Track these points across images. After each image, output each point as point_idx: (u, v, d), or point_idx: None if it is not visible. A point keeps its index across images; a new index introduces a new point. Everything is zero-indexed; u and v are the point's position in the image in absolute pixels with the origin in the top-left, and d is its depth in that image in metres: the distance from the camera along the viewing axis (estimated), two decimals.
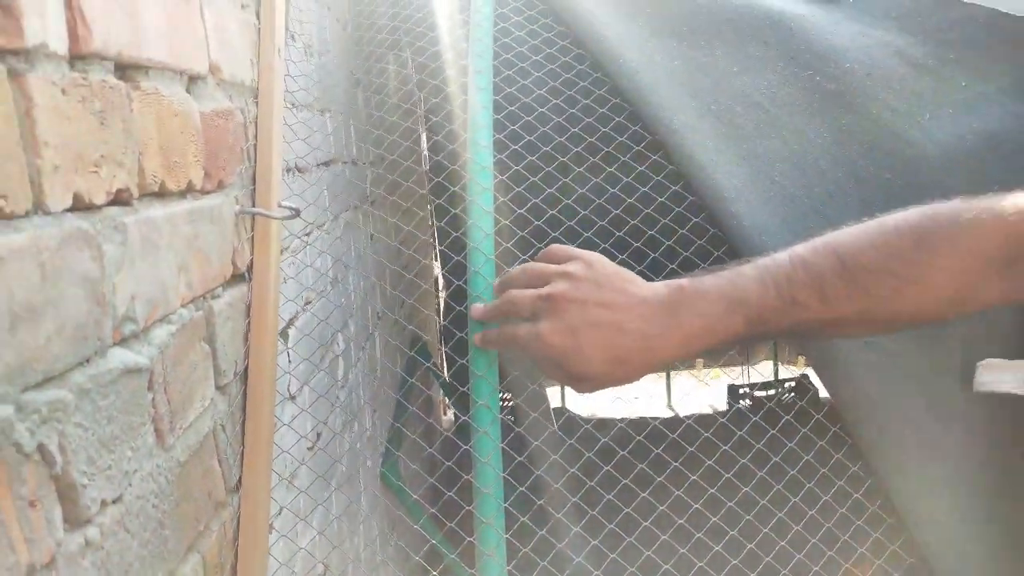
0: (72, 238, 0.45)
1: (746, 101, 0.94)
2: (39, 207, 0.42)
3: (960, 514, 0.83)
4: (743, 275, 0.66)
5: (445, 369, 2.85)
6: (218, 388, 0.68)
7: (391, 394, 1.78)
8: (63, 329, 0.44)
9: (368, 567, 1.35)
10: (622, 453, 1.18)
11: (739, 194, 0.89)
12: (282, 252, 0.88)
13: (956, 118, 0.93)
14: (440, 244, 2.84)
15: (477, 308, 0.77)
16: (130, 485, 0.50)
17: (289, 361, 0.90)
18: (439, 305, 3.14)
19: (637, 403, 3.77)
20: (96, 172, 0.48)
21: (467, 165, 0.92)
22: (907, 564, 0.89)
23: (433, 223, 2.83)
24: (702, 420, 2.95)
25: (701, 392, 3.96)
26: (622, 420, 3.35)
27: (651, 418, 3.29)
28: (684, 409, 3.75)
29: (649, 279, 0.70)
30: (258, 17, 0.89)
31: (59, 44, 0.45)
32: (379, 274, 1.77)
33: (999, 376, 0.83)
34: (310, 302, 1.05)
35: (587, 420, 3.42)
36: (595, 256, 0.70)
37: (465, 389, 0.82)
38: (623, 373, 0.66)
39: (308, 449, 0.98)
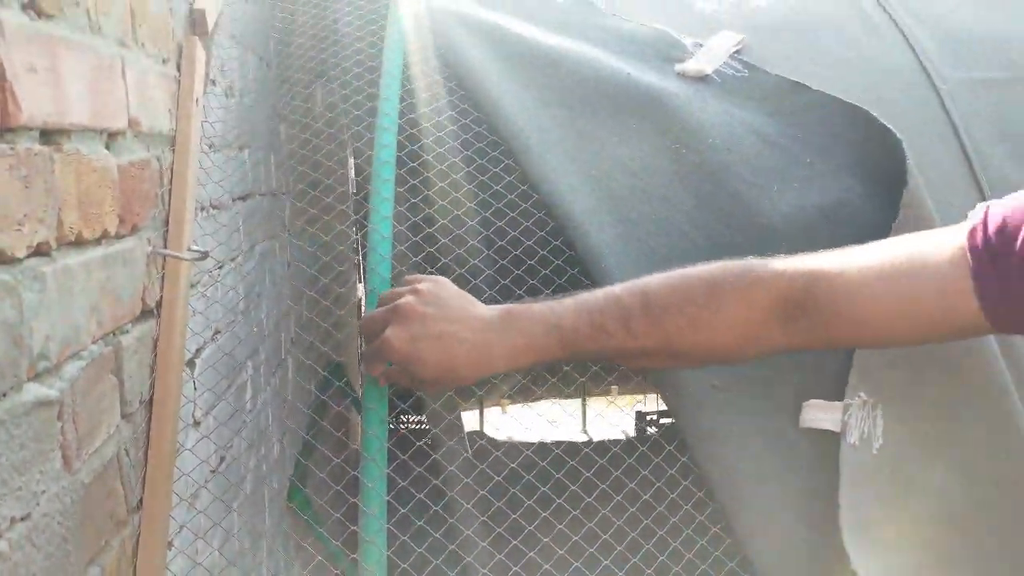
0: None
1: (623, 169, 1.07)
2: None
3: (791, 539, 0.96)
4: (563, 304, 0.79)
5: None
6: (124, 416, 0.75)
7: (303, 416, 1.84)
8: None
9: None
10: (528, 477, 1.27)
11: (611, 250, 1.01)
12: (192, 287, 0.95)
13: (800, 191, 1.07)
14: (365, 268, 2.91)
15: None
16: (38, 504, 0.57)
17: (195, 389, 0.97)
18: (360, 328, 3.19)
19: (554, 428, 3.89)
20: (19, 230, 0.56)
21: (369, 195, 1.02)
22: None
23: (359, 248, 2.90)
24: (608, 445, 3.08)
25: (615, 417, 4.11)
26: (531, 445, 3.47)
27: (562, 442, 3.42)
28: (598, 434, 3.89)
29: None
30: (179, 69, 0.97)
31: None
32: (295, 300, 1.83)
33: (818, 415, 0.97)
34: (218, 332, 1.12)
35: (501, 444, 3.52)
36: (443, 279, 0.84)
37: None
38: (455, 378, 0.80)
39: (211, 472, 1.04)
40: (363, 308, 3.20)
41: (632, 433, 3.91)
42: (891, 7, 1.32)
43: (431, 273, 0.93)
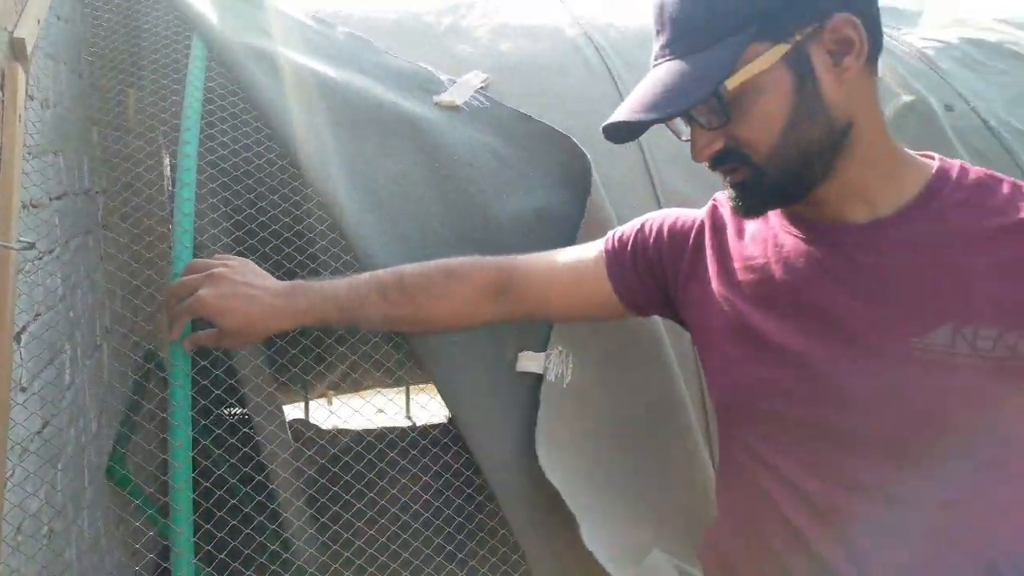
0: None
1: (387, 178, 1.36)
2: None
3: (512, 453, 1.28)
4: (339, 281, 1.09)
5: None
6: None
7: (121, 397, 1.99)
8: None
9: (91, 547, 1.57)
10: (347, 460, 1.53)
11: (376, 242, 1.29)
12: (19, 273, 1.13)
13: (523, 198, 1.41)
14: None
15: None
16: None
17: (22, 358, 1.15)
18: None
19: (378, 415, 4.12)
20: None
21: (176, 194, 1.24)
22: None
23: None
24: (429, 429, 3.35)
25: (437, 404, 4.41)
26: (361, 431, 3.69)
27: (389, 428, 3.66)
28: (421, 419, 4.17)
29: None
30: (2, 91, 1.15)
31: None
32: (109, 292, 1.97)
33: (529, 362, 1.31)
34: (39, 314, 1.29)
35: (326, 432, 3.72)
36: (246, 259, 1.11)
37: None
38: (254, 331, 1.05)
39: (37, 433, 1.23)
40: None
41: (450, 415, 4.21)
42: (606, 54, 1.70)
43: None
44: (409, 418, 4.27)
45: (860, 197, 0.84)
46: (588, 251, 1.10)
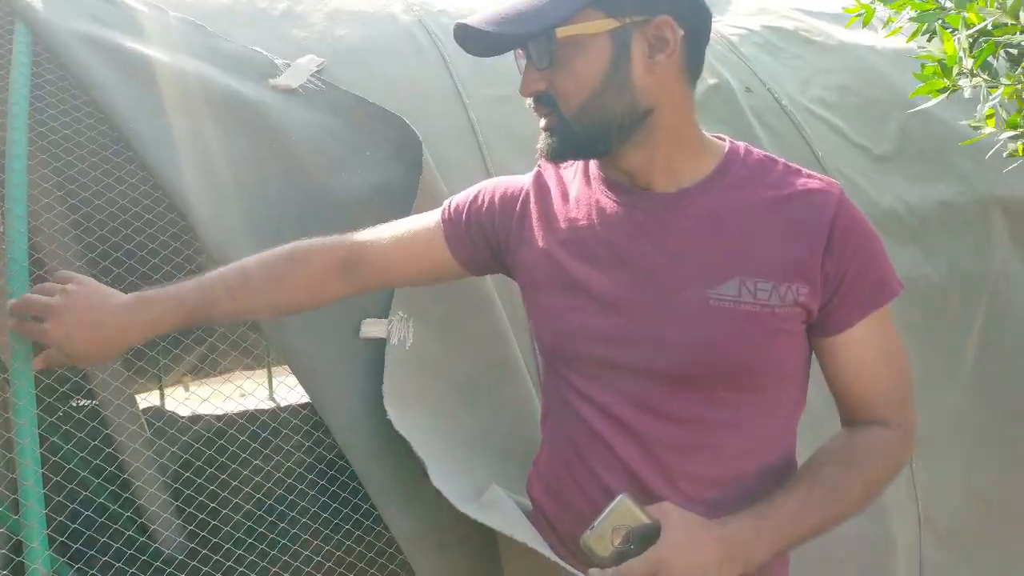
0: None
1: (227, 160, 1.41)
2: None
3: (360, 415, 1.38)
4: (186, 284, 1.12)
5: None
6: None
7: None
8: None
9: None
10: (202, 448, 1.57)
11: (218, 221, 1.35)
12: None
13: (361, 175, 1.51)
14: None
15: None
16: None
17: None
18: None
19: (242, 398, 4.07)
20: None
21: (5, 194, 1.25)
22: None
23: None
24: (297, 409, 3.36)
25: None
26: (223, 415, 3.65)
27: (255, 410, 3.64)
28: (286, 400, 4.16)
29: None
30: None
31: None
32: None
33: (372, 328, 1.42)
34: None
35: (184, 418, 3.65)
36: (86, 278, 1.10)
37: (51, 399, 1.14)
38: (103, 353, 1.08)
39: None
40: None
41: None
42: (439, 40, 1.81)
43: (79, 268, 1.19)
44: (273, 400, 4.25)
45: (667, 170, 1.01)
46: (427, 220, 1.20)
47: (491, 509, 1.16)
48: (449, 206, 1.20)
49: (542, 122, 0.99)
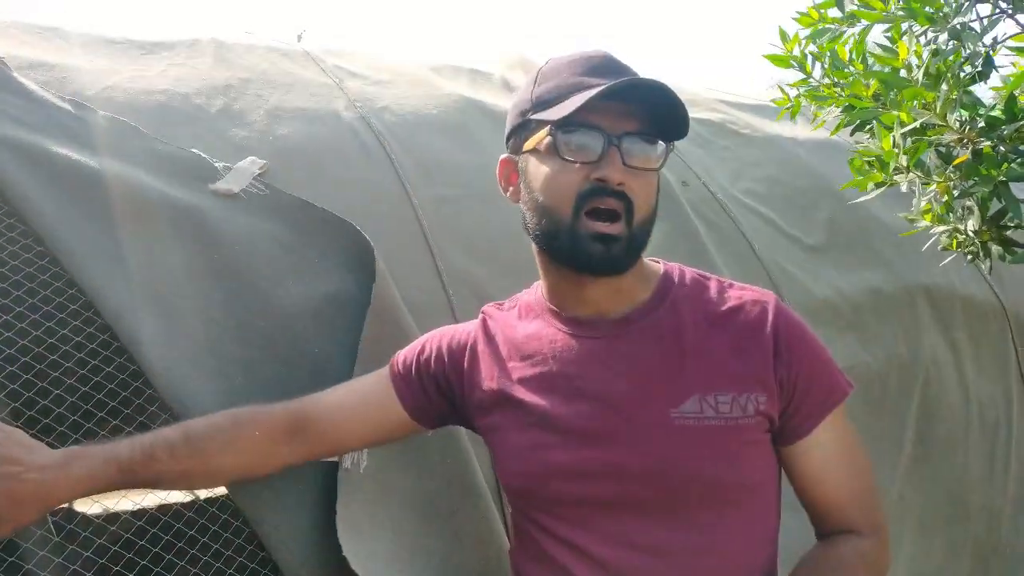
0: None
1: (164, 271, 1.31)
2: None
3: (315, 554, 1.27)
4: (121, 441, 1.02)
5: None
6: None
7: None
8: None
9: None
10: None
11: (155, 339, 1.25)
12: None
13: (309, 283, 1.43)
14: None
15: None
16: None
17: None
18: None
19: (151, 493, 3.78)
20: None
21: None
22: None
23: None
24: (218, 500, 3.14)
25: None
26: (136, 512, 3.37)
27: (168, 505, 3.38)
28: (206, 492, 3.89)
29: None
30: None
31: None
32: None
33: None
34: None
35: (96, 517, 3.35)
36: (11, 429, 0.99)
37: None
38: (26, 514, 0.95)
39: None
40: None
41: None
42: (384, 139, 1.77)
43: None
44: (194, 493, 3.97)
45: (619, 294, 1.01)
46: (375, 379, 1.16)
47: None
48: (396, 361, 1.16)
49: (606, 228, 0.94)
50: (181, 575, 2.08)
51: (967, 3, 1.61)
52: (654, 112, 0.93)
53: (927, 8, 1.61)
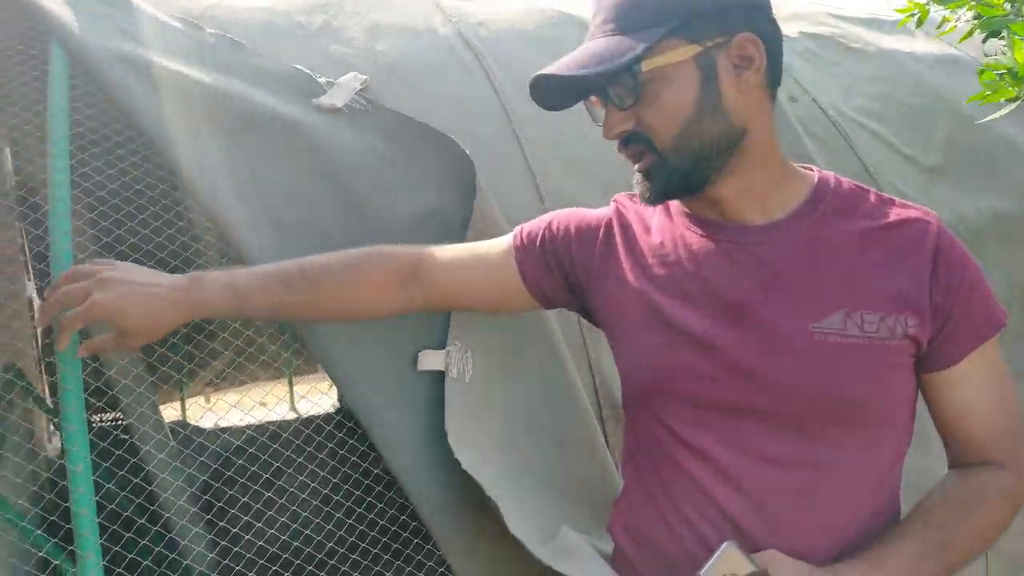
0: None
1: (274, 186, 1.34)
2: None
3: (417, 451, 1.32)
4: (238, 271, 1.08)
5: (47, 393, 2.84)
6: None
7: None
8: None
9: None
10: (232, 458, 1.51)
11: (267, 252, 1.29)
12: None
13: (410, 198, 1.44)
14: (33, 263, 2.83)
15: (43, 318, 1.06)
16: None
17: None
18: (35, 326, 3.08)
19: (262, 409, 4.00)
20: None
21: (48, 186, 1.19)
22: None
23: (24, 243, 2.80)
24: (316, 419, 3.32)
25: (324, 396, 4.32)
26: (248, 427, 3.59)
27: (274, 422, 3.58)
28: (306, 411, 4.09)
29: None
30: None
31: None
32: None
33: (429, 359, 1.35)
34: None
35: (204, 431, 3.59)
36: (127, 262, 1.08)
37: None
38: (153, 326, 1.03)
39: None
40: (35, 303, 3.10)
41: (336, 404, 4.17)
42: (480, 54, 1.74)
43: None
44: (294, 410, 4.19)
45: (756, 201, 0.96)
46: (496, 245, 1.14)
47: (567, 555, 1.10)
48: (520, 232, 1.14)
49: (637, 165, 0.96)
50: (288, 483, 2.21)
51: None
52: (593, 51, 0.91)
53: None
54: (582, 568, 1.05)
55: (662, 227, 1.03)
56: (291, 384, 4.20)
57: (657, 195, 0.95)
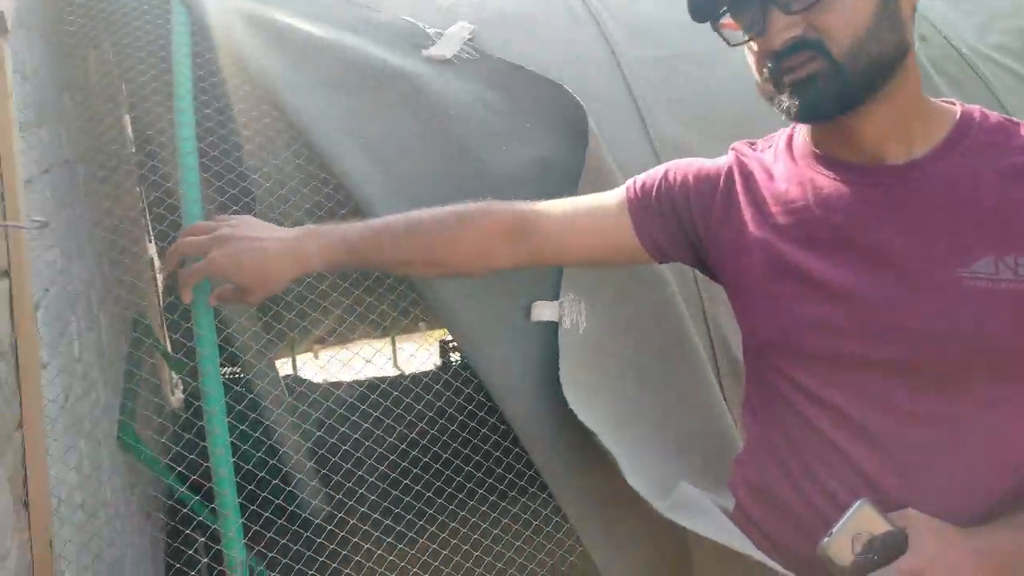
0: None
1: (386, 136, 1.36)
2: None
3: (532, 400, 1.32)
4: (350, 225, 1.08)
5: (170, 346, 3.01)
6: None
7: (121, 368, 1.99)
8: None
9: (115, 514, 1.60)
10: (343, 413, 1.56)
11: (381, 201, 1.31)
12: None
13: (520, 148, 1.43)
14: (153, 225, 2.98)
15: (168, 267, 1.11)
16: None
17: (40, 337, 1.16)
18: (157, 286, 3.27)
19: (368, 366, 4.12)
20: None
21: (176, 145, 1.23)
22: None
23: (144, 206, 2.95)
24: (419, 377, 3.40)
25: (423, 352, 4.42)
26: (354, 383, 3.72)
27: (380, 378, 3.69)
28: (409, 368, 4.20)
29: None
30: None
31: None
32: (97, 262, 1.95)
33: (543, 310, 1.35)
34: (47, 289, 1.29)
35: (318, 386, 3.74)
36: (247, 216, 1.10)
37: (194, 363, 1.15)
38: (269, 280, 1.05)
39: (61, 408, 1.24)
40: (157, 263, 3.26)
41: (439, 362, 4.25)
42: (589, 1, 1.70)
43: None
44: (398, 368, 4.30)
45: (898, 135, 0.89)
46: (608, 198, 1.11)
47: (687, 509, 1.08)
48: (634, 185, 1.09)
49: (792, 75, 0.87)
50: (399, 439, 2.27)
51: None
52: None
53: None
54: (705, 522, 1.02)
55: (787, 172, 0.96)
56: (394, 343, 4.31)
57: (812, 108, 0.87)
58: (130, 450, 1.82)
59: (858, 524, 0.83)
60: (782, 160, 0.98)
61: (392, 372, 4.12)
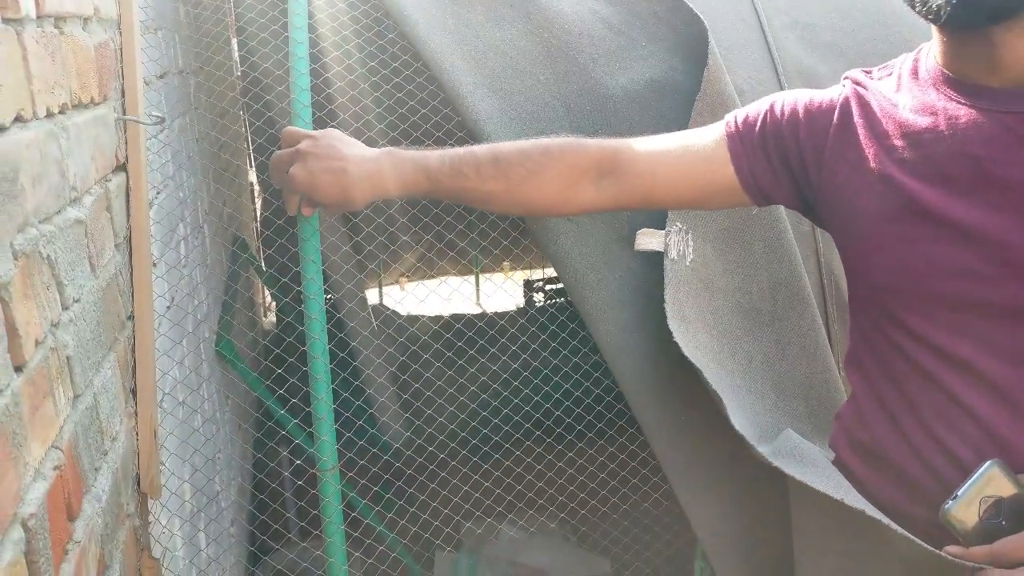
0: (49, 135, 0.73)
1: (496, 50, 1.31)
2: (35, 115, 0.70)
3: (627, 328, 1.28)
4: (432, 152, 1.04)
5: (264, 265, 3.09)
6: (115, 246, 0.96)
7: (221, 281, 2.05)
8: (50, 190, 0.73)
9: (211, 418, 1.66)
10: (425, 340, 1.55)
11: (489, 118, 1.26)
12: None
13: (635, 68, 1.35)
14: (254, 148, 3.03)
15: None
16: (82, 293, 0.80)
17: (152, 235, 1.18)
18: (255, 207, 3.34)
19: (450, 302, 4.15)
20: (53, 93, 0.76)
21: (289, 72, 1.22)
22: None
23: (247, 129, 3.00)
24: (503, 314, 3.40)
25: (506, 290, 4.41)
26: (435, 318, 3.76)
27: (461, 314, 3.72)
28: (491, 306, 4.20)
29: None
30: None
31: (31, 9, 0.72)
32: (204, 173, 1.99)
33: (648, 240, 1.29)
34: (159, 191, 1.31)
35: (401, 317, 3.79)
36: (333, 130, 1.07)
37: (286, 279, 1.16)
38: (345, 200, 1.03)
39: (167, 308, 1.27)
40: (255, 187, 3.31)
41: (521, 303, 4.24)
42: None
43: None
44: (479, 305, 4.31)
45: None
46: (705, 134, 1.02)
47: (792, 457, 1.02)
48: (736, 119, 1.00)
49: None
50: (480, 371, 2.27)
51: None
52: None
53: None
54: (814, 474, 0.95)
55: (914, 102, 0.87)
56: (477, 281, 4.31)
57: (963, 7, 0.76)
58: (226, 361, 1.87)
59: (986, 487, 0.79)
60: (907, 88, 0.88)
61: (474, 310, 4.13)
